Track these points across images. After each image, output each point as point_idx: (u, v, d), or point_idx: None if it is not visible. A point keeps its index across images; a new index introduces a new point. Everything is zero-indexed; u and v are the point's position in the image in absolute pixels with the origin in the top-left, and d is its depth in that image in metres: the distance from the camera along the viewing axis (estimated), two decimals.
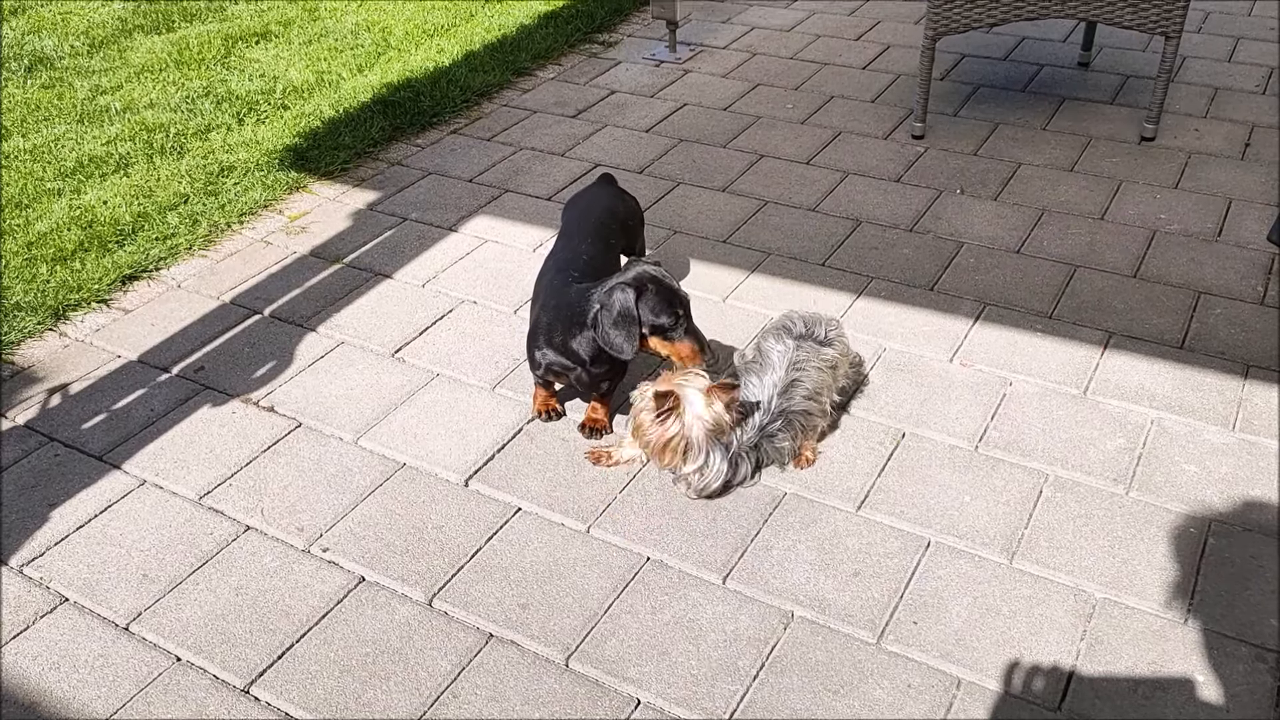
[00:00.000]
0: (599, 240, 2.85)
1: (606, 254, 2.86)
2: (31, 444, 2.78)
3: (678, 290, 2.48)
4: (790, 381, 2.51)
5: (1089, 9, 3.80)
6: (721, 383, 2.38)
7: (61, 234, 3.58)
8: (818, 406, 2.55)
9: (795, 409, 2.49)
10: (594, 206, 2.98)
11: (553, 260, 2.81)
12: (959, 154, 4.04)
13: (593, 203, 3.00)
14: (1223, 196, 3.67)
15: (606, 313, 2.44)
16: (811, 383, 2.53)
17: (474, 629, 2.22)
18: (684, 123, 4.39)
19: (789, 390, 2.50)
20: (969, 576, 2.28)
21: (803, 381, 2.52)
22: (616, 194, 3.07)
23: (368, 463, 2.67)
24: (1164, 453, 2.59)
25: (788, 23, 5.41)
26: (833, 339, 2.61)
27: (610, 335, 2.44)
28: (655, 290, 2.44)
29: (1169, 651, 2.10)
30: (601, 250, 2.84)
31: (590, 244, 2.82)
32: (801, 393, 2.51)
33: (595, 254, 2.80)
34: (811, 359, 2.54)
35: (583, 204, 3.02)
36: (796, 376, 2.52)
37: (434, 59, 4.96)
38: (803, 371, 2.52)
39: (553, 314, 2.60)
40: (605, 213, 2.96)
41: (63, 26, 5.44)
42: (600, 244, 2.85)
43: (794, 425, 2.51)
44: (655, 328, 2.46)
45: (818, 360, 2.55)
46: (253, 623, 2.25)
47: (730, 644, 2.16)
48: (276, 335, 3.16)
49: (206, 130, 4.31)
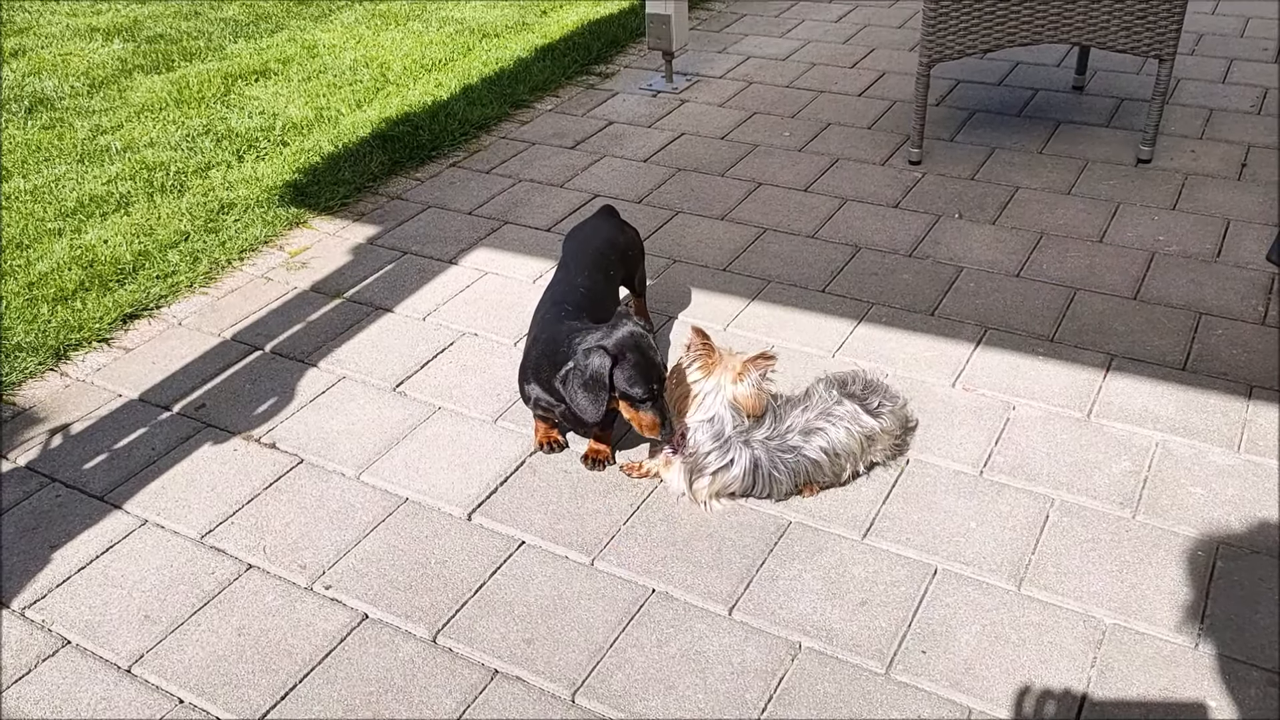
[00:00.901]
0: (597, 272, 2.85)
1: (606, 286, 2.86)
2: (33, 485, 2.77)
3: (656, 363, 2.45)
4: (815, 429, 2.48)
5: (1082, 33, 3.82)
6: (761, 355, 2.43)
7: (62, 274, 3.59)
8: (830, 465, 2.50)
9: (808, 454, 2.47)
10: (593, 238, 2.98)
11: (549, 293, 2.81)
12: (957, 179, 4.05)
13: (592, 235, 3.00)
14: (1221, 217, 3.68)
15: (578, 373, 2.43)
16: (835, 440, 2.48)
17: (479, 665, 2.20)
18: (682, 152, 4.41)
19: (810, 434, 2.47)
20: (977, 604, 2.27)
21: (826, 433, 2.48)
22: (617, 225, 3.07)
23: (370, 498, 2.66)
24: (1170, 475, 2.58)
25: (783, 52, 5.45)
26: (882, 414, 2.55)
27: (577, 396, 2.44)
28: (634, 361, 2.41)
29: (1180, 677, 2.08)
30: (601, 283, 2.84)
31: (588, 276, 2.82)
32: (820, 443, 2.47)
33: (593, 286, 2.80)
34: (846, 419, 2.50)
35: (582, 236, 3.02)
36: (822, 426, 2.48)
37: (432, 93, 4.99)
38: (830, 425, 2.48)
39: (541, 349, 2.59)
40: (605, 244, 2.96)
41: (63, 68, 5.48)
42: (599, 276, 2.85)
43: (801, 470, 2.48)
44: (626, 396, 2.44)
45: (855, 424, 2.50)
46: (255, 663, 2.24)
47: (738, 676, 2.14)
48: (277, 371, 3.16)
49: (207, 168, 4.33)
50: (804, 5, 6.17)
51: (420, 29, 5.92)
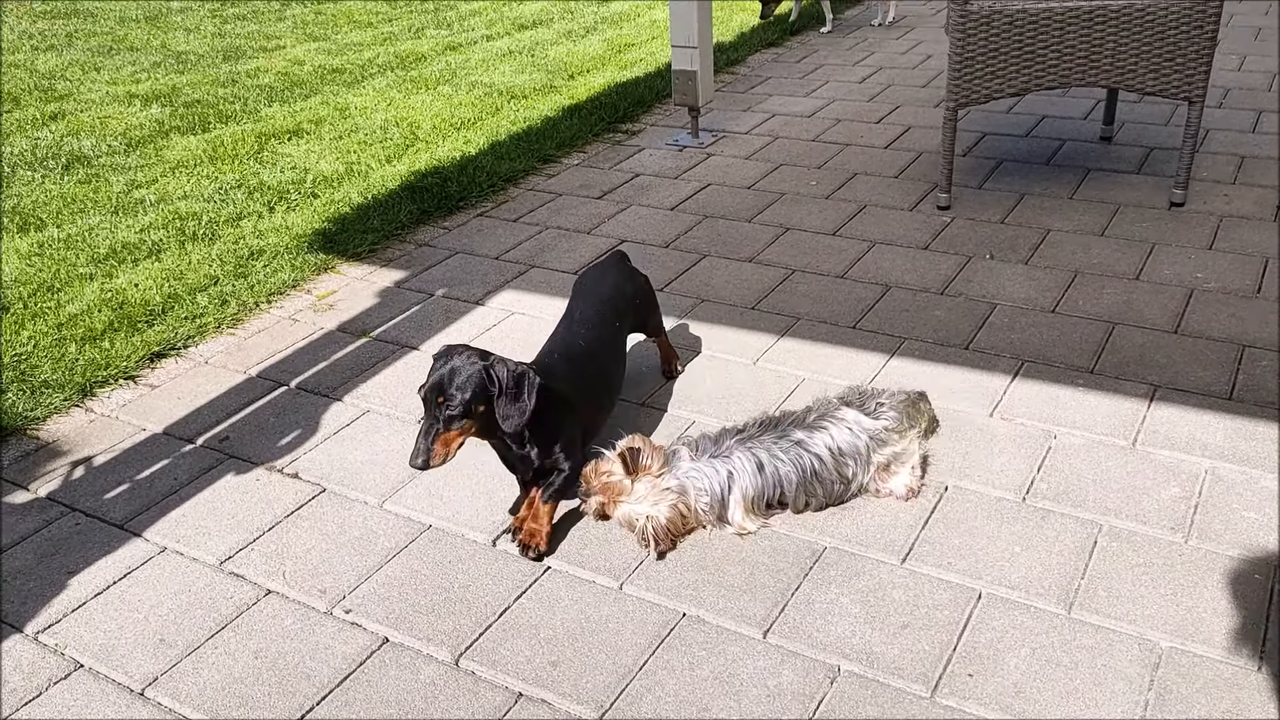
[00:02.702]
0: (603, 325, 2.75)
1: (613, 337, 2.77)
2: (53, 514, 2.73)
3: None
4: (818, 428, 2.48)
5: (1110, 76, 3.81)
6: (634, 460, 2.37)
7: (92, 315, 3.60)
8: (834, 464, 2.46)
9: (812, 449, 2.45)
10: (600, 285, 2.88)
11: (549, 342, 2.74)
12: (986, 223, 4.02)
13: (599, 281, 2.90)
14: (1259, 256, 3.62)
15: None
16: (839, 439, 2.46)
17: (502, 688, 2.11)
18: (708, 201, 4.41)
19: (812, 431, 2.48)
20: (1025, 627, 2.16)
21: (829, 430, 2.47)
22: (626, 273, 2.95)
23: (392, 525, 2.60)
24: (1221, 500, 2.48)
25: (808, 109, 5.49)
26: (882, 414, 2.52)
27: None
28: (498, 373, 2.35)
29: (1244, 700, 1.96)
30: (606, 335, 2.74)
31: (591, 329, 2.72)
32: (823, 439, 2.46)
33: (594, 339, 2.70)
34: (849, 421, 2.49)
35: (588, 283, 2.91)
36: (825, 425, 2.48)
37: (461, 149, 5.05)
38: (833, 425, 2.48)
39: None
40: (613, 291, 2.86)
41: (101, 129, 5.59)
42: (604, 329, 2.75)
43: (807, 467, 2.44)
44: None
45: (858, 426, 2.49)
46: (272, 686, 2.15)
47: (773, 699, 2.03)
48: (302, 405, 3.13)
49: (238, 218, 4.37)
50: (828, 67, 6.24)
51: (450, 92, 6.02)
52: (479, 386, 2.29)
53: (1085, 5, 3.70)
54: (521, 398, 2.32)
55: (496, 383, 2.30)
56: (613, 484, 2.38)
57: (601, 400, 2.71)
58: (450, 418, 2.28)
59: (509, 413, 2.31)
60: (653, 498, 2.36)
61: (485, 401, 2.30)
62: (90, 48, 7.49)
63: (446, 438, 2.29)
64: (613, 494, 2.39)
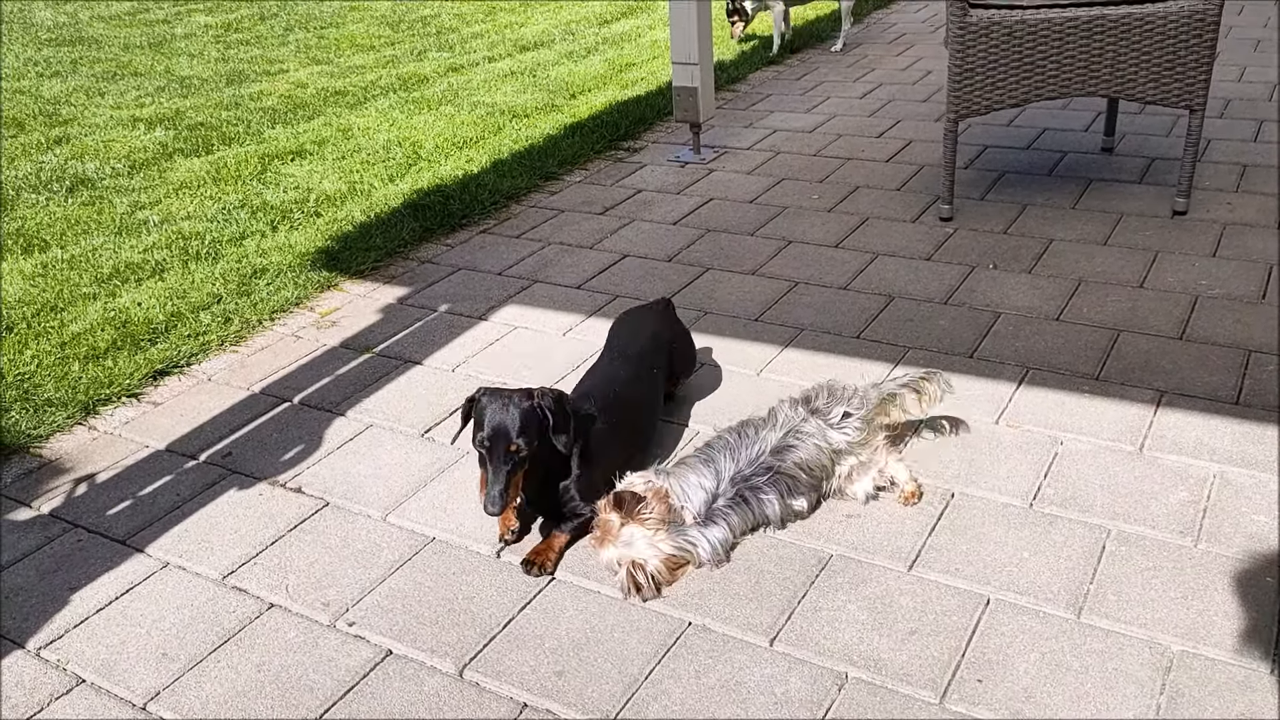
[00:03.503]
0: (643, 370, 2.80)
1: (651, 383, 2.81)
2: (55, 530, 2.72)
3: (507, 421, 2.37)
4: (784, 446, 2.47)
5: (1110, 85, 3.82)
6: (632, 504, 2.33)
7: (95, 334, 3.60)
8: (807, 478, 2.48)
9: (784, 470, 2.44)
10: (638, 332, 2.92)
11: (584, 383, 2.78)
12: (989, 233, 4.02)
13: (638, 327, 2.94)
14: (1263, 263, 3.61)
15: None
16: (806, 458, 2.48)
17: (507, 699, 2.09)
18: (711, 215, 4.42)
19: (781, 452, 2.46)
20: (1034, 632, 2.14)
21: (796, 450, 2.48)
22: (669, 321, 3.01)
23: (396, 538, 2.58)
24: (1230, 504, 2.46)
25: (809, 125, 5.50)
26: (847, 428, 2.53)
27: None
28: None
29: (1257, 702, 1.94)
30: (645, 380, 2.78)
31: (627, 377, 2.76)
32: (792, 458, 2.47)
33: (632, 385, 2.74)
34: (816, 436, 2.50)
35: (628, 326, 2.97)
36: (792, 444, 2.48)
37: (463, 168, 5.06)
38: (800, 442, 2.49)
39: None
40: (652, 338, 2.90)
41: (105, 152, 5.62)
42: (644, 375, 2.79)
43: (781, 485, 2.44)
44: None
45: (822, 440, 2.50)
46: (274, 699, 2.14)
47: (781, 706, 2.01)
48: (305, 421, 3.12)
49: (241, 237, 4.38)
50: (829, 84, 6.26)
51: (452, 112, 6.04)
52: (538, 426, 2.37)
53: (1084, 15, 3.71)
54: (567, 420, 2.41)
55: (550, 417, 2.38)
56: (606, 523, 2.36)
57: (632, 451, 2.71)
58: (518, 462, 2.36)
59: (559, 436, 2.40)
60: (644, 546, 2.32)
61: (541, 437, 2.38)
62: (95, 74, 7.54)
63: (516, 480, 2.38)
64: (604, 534, 2.37)
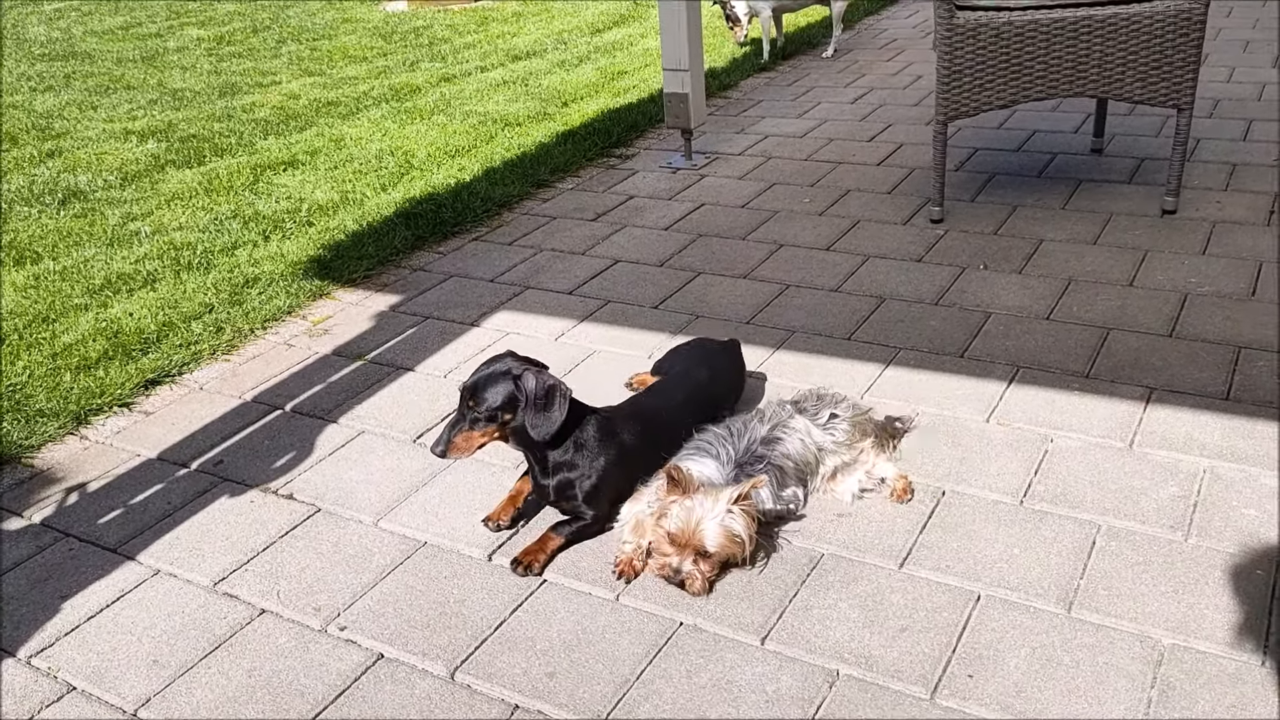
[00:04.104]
0: (689, 403, 2.78)
1: (694, 417, 2.75)
2: (46, 540, 2.71)
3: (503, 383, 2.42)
4: (773, 438, 2.50)
5: (1098, 86, 3.83)
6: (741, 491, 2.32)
7: (87, 344, 3.60)
8: (795, 471, 2.49)
9: (774, 462, 2.46)
10: (700, 366, 2.90)
11: (635, 398, 2.82)
12: (979, 234, 4.03)
13: (702, 361, 2.92)
14: (1253, 260, 3.62)
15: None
16: (791, 450, 2.50)
17: (498, 700, 2.09)
18: (702, 220, 4.42)
19: (770, 444, 2.49)
20: (1025, 628, 2.14)
21: (784, 442, 2.50)
22: (734, 363, 3.00)
23: (387, 543, 2.58)
24: (1220, 499, 2.46)
25: (800, 130, 5.52)
26: (833, 428, 2.56)
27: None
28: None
29: (1248, 694, 1.94)
30: (689, 413, 2.74)
31: (675, 404, 2.76)
32: (780, 450, 2.49)
33: (674, 413, 2.72)
34: (801, 432, 2.53)
35: (694, 357, 2.95)
36: (779, 437, 2.50)
37: (455, 176, 5.07)
38: (786, 436, 2.51)
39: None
40: (710, 377, 2.88)
41: (97, 165, 5.62)
42: (689, 407, 2.76)
43: (772, 475, 2.44)
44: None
45: (807, 437, 2.53)
46: (265, 704, 2.13)
47: (772, 704, 2.01)
48: (297, 428, 3.12)
49: (233, 247, 4.38)
50: (820, 89, 6.27)
51: (444, 121, 6.06)
52: (507, 395, 2.38)
53: (1071, 16, 3.73)
54: (551, 409, 2.38)
55: (524, 393, 2.37)
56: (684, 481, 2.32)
57: (654, 468, 2.67)
58: (475, 419, 2.38)
59: (536, 422, 2.38)
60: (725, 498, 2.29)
61: (511, 410, 2.38)
62: (88, 88, 7.56)
63: (470, 435, 2.40)
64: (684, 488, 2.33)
